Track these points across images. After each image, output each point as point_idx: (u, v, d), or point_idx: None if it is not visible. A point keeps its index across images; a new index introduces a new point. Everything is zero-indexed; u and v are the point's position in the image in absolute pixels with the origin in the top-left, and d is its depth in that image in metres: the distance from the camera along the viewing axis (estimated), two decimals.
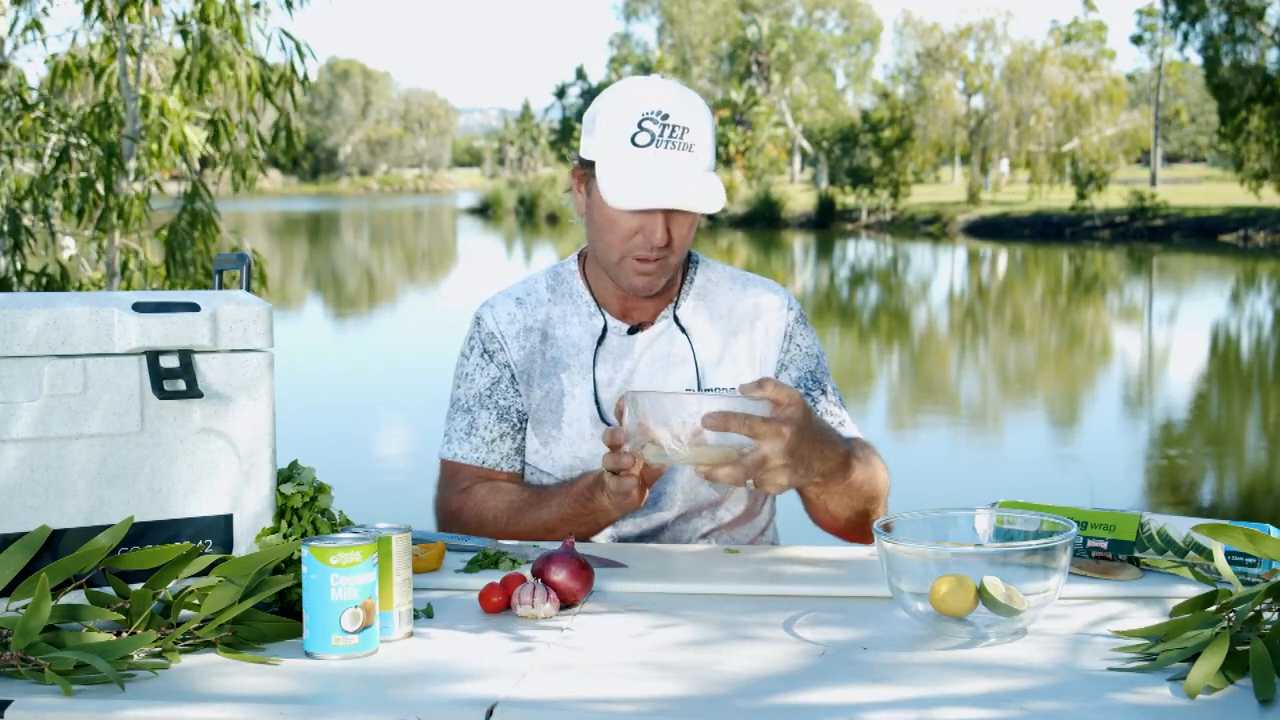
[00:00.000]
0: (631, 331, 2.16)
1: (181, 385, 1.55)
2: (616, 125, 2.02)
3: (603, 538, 2.14)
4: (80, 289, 6.57)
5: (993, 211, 38.63)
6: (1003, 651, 1.46)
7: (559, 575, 1.64)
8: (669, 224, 2.02)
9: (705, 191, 2.00)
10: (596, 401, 2.12)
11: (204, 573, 1.53)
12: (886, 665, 1.42)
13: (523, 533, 2.07)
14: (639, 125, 2.00)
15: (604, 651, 1.48)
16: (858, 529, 2.05)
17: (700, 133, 2.02)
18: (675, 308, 2.17)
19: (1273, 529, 1.61)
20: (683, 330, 2.16)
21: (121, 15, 6.37)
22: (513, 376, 2.17)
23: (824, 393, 2.17)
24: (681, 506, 2.14)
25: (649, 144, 1.99)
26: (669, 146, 1.99)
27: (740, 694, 1.34)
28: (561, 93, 66.77)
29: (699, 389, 2.12)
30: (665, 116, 2.00)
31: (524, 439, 2.18)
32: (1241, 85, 33.14)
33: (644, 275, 2.06)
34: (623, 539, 2.14)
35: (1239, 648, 1.35)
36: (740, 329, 2.17)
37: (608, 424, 2.10)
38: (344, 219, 56.80)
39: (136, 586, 1.49)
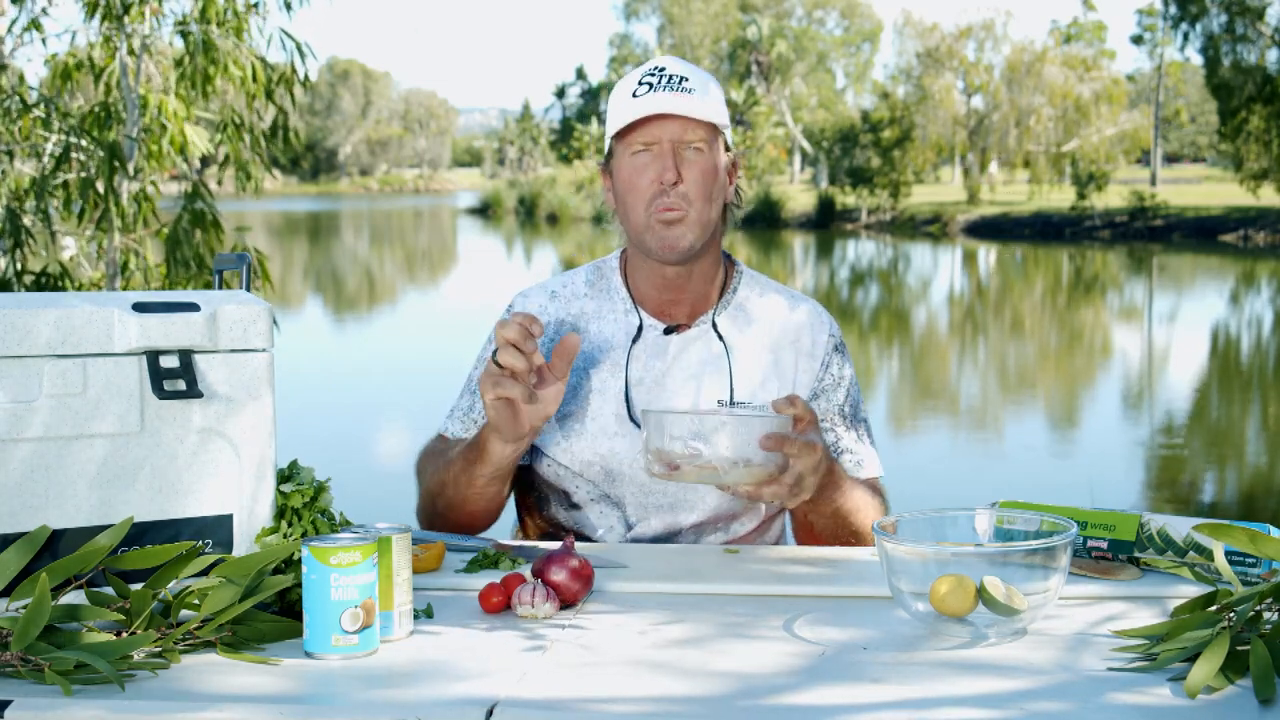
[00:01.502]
0: (667, 332, 2.15)
1: (181, 385, 1.55)
2: (621, 92, 2.08)
3: (610, 537, 2.14)
4: (80, 289, 6.57)
5: (993, 211, 38.64)
6: (1003, 651, 1.47)
7: (559, 575, 1.64)
8: (679, 164, 2.04)
9: (699, 106, 2.03)
10: (627, 400, 2.11)
11: (204, 573, 1.53)
12: (886, 665, 1.42)
13: (441, 482, 2.06)
14: (638, 83, 2.06)
15: (604, 651, 1.49)
16: None
17: (701, 84, 2.06)
18: (715, 314, 2.16)
19: (1273, 529, 1.61)
20: (720, 337, 2.15)
21: (124, 16, 6.37)
22: None
23: (848, 427, 2.16)
24: (701, 515, 2.12)
25: (648, 92, 2.04)
26: (667, 90, 2.04)
27: (740, 694, 1.34)
28: (561, 93, 66.83)
29: (730, 399, 2.11)
30: (662, 69, 2.07)
31: None
32: (1241, 85, 33.15)
33: (670, 225, 2.05)
34: (635, 540, 2.14)
35: (1239, 648, 1.35)
36: (778, 346, 2.16)
37: (635, 423, 2.10)
38: (344, 219, 56.81)
39: (136, 586, 1.49)
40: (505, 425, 1.89)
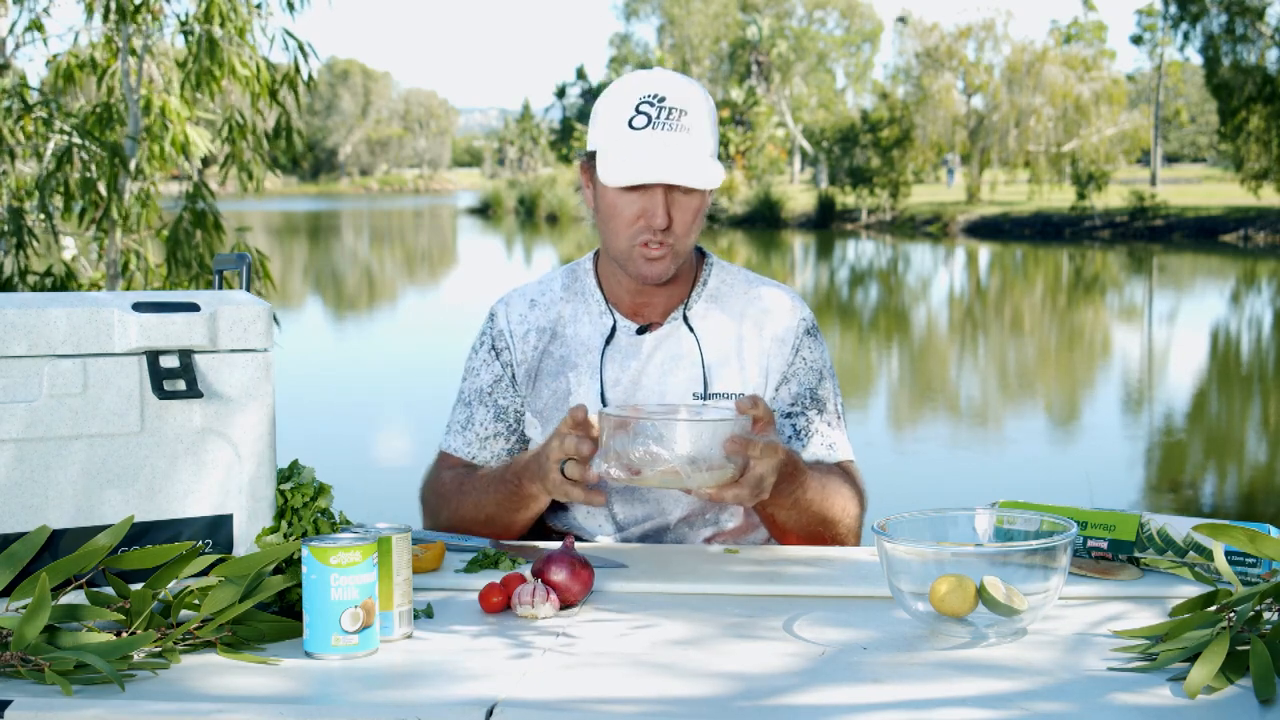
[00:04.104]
0: (640, 331, 2.15)
1: (181, 385, 1.55)
2: (615, 111, 2.04)
3: (604, 538, 2.14)
4: (80, 289, 6.58)
5: (993, 211, 38.62)
6: (1003, 651, 1.47)
7: (559, 575, 1.64)
8: (670, 206, 2.02)
9: (699, 170, 2.00)
10: (603, 401, 2.12)
11: (204, 573, 1.53)
12: (886, 665, 1.42)
13: (467, 517, 2.07)
14: (636, 109, 2.02)
15: (604, 651, 1.49)
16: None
17: (699, 116, 2.03)
18: (686, 308, 2.16)
19: (1273, 529, 1.61)
20: (692, 331, 2.15)
21: (126, 18, 6.37)
22: (514, 377, 2.18)
23: (820, 411, 2.16)
24: (686, 508, 2.14)
25: (645, 126, 2.01)
26: (665, 128, 2.00)
27: (740, 694, 1.34)
28: (561, 93, 66.80)
29: (705, 392, 2.12)
30: (662, 99, 2.02)
31: (518, 441, 2.19)
32: (1241, 85, 33.13)
33: (652, 261, 2.05)
34: (624, 536, 2.14)
35: (1239, 648, 1.35)
36: (749, 334, 2.16)
37: None
38: (344, 219, 56.79)
39: (136, 586, 1.49)
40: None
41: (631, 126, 2.01)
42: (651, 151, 1.99)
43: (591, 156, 2.09)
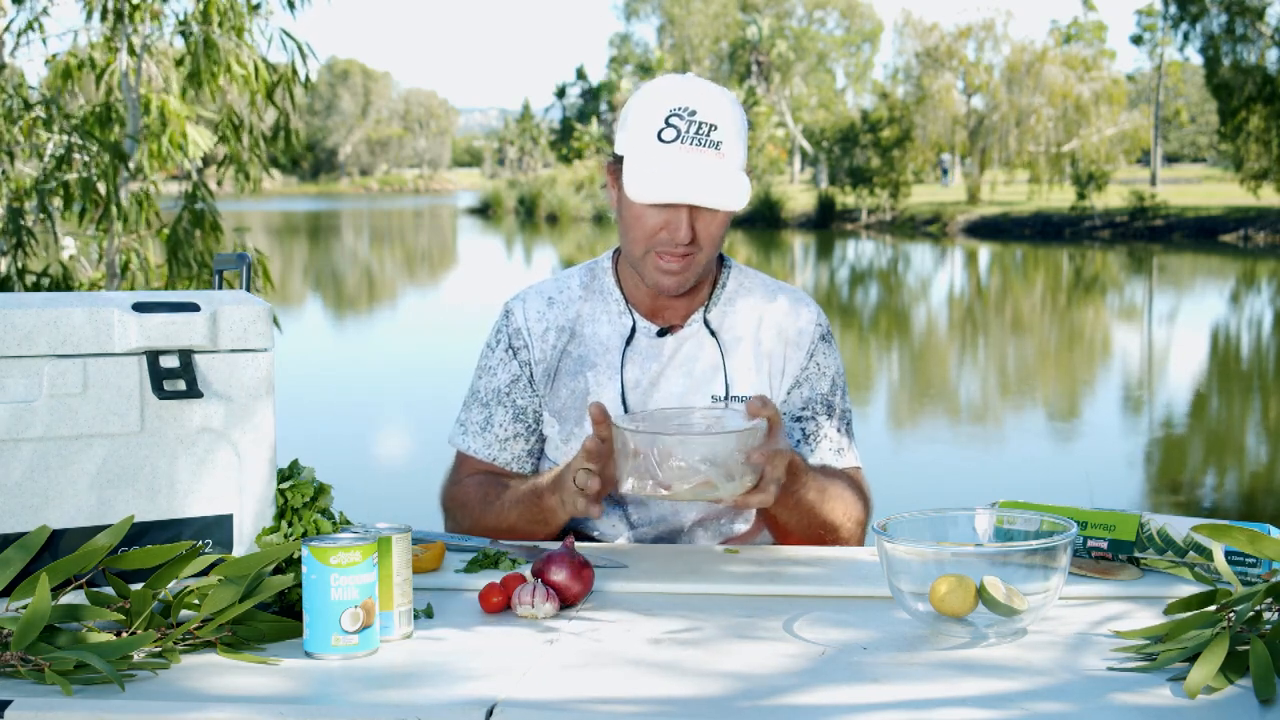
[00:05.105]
0: (661, 334, 2.15)
1: (181, 385, 1.55)
2: (645, 120, 2.01)
3: (612, 536, 2.14)
4: (80, 289, 6.58)
5: (993, 211, 38.63)
6: (1003, 651, 1.47)
7: (559, 575, 1.64)
8: (694, 221, 2.00)
9: (727, 189, 1.98)
10: (623, 402, 2.11)
11: (204, 573, 1.53)
12: (886, 665, 1.42)
13: (489, 527, 2.07)
14: (666, 121, 1.98)
15: (604, 651, 1.49)
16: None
17: (729, 130, 2.00)
18: (706, 311, 2.16)
19: (1273, 529, 1.61)
20: (712, 334, 2.15)
21: (122, 18, 6.37)
22: (531, 376, 2.17)
23: (829, 417, 2.16)
24: (700, 512, 2.14)
25: (674, 140, 1.98)
26: (694, 144, 1.97)
27: (740, 694, 1.34)
28: (561, 93, 66.79)
29: (726, 395, 2.12)
30: (693, 113, 1.98)
31: (537, 441, 2.18)
32: (1241, 85, 33.13)
33: (670, 273, 2.04)
34: (638, 539, 2.14)
35: (1239, 648, 1.35)
36: (768, 338, 2.16)
37: None
38: (344, 219, 56.78)
39: (136, 586, 1.49)
40: (582, 516, 1.93)
41: (660, 139, 1.98)
42: (679, 168, 1.97)
43: (619, 160, 2.06)
